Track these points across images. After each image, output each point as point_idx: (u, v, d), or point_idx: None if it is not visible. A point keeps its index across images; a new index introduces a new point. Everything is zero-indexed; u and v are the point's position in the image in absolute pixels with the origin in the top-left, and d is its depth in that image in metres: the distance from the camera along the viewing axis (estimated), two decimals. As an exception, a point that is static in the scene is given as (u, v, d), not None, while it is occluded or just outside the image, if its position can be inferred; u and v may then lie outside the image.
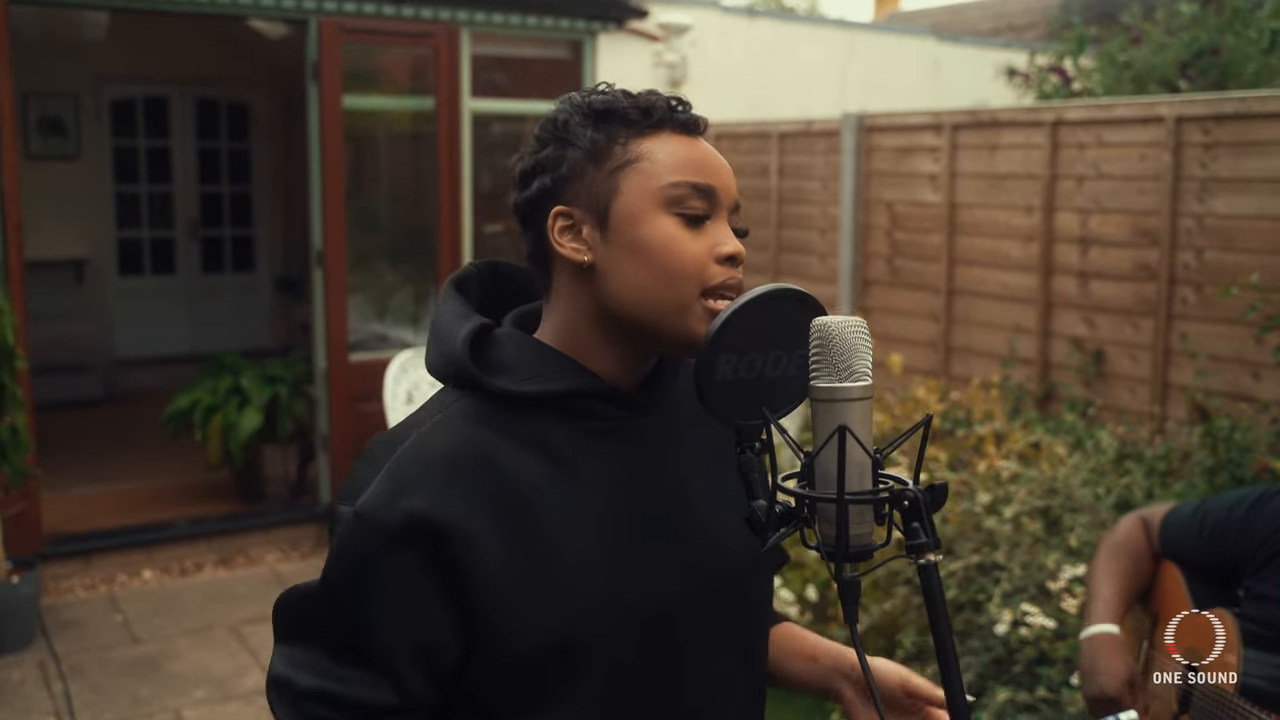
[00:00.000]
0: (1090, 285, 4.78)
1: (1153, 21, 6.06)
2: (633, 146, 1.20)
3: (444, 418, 1.18)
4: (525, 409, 1.18)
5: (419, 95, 6.41)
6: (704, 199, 1.19)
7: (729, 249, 1.19)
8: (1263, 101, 4.21)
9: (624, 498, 1.20)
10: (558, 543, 1.15)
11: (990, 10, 13.52)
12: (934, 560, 1.10)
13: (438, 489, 1.11)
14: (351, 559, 1.12)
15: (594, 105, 1.23)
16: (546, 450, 1.17)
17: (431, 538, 1.10)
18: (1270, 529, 2.06)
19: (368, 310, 6.49)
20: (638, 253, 1.18)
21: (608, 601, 1.16)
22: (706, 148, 1.23)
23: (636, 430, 1.23)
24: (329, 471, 6.04)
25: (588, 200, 1.20)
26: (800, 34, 7.79)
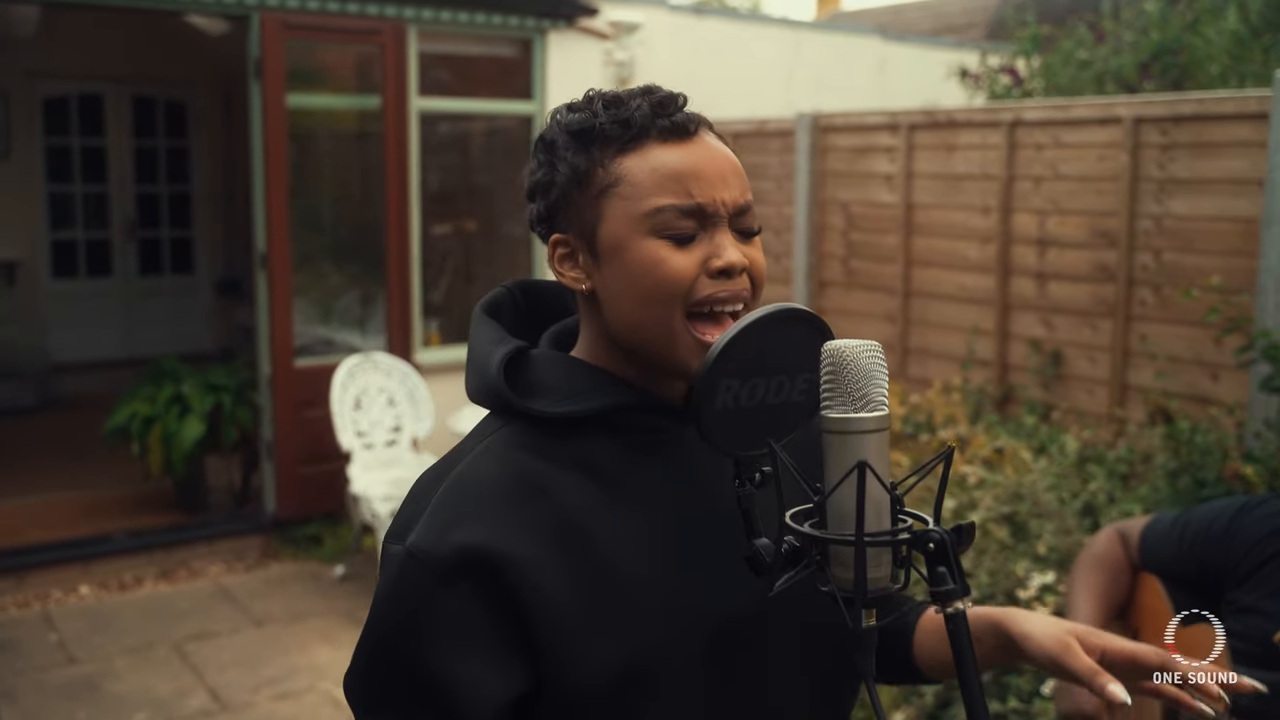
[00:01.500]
0: (1048, 286, 4.76)
1: (1117, 20, 6.06)
2: (613, 167, 1.13)
3: (487, 446, 1.14)
4: (568, 430, 1.14)
5: (365, 93, 6.26)
6: (691, 218, 1.11)
7: (722, 261, 1.11)
8: (1220, 103, 4.21)
9: (676, 511, 1.15)
10: (615, 566, 1.10)
11: (930, 11, 13.62)
12: (963, 609, 1.02)
13: (489, 519, 1.07)
14: (408, 600, 1.07)
15: (573, 127, 1.15)
16: (594, 471, 1.13)
17: (489, 569, 1.05)
18: (1252, 540, 2.03)
19: (313, 314, 6.33)
20: (625, 279, 1.12)
21: (670, 620, 1.11)
22: (700, 152, 1.14)
23: (681, 440, 1.17)
24: (274, 480, 5.88)
25: (578, 227, 1.15)
26: (747, 33, 7.74)
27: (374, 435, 5.65)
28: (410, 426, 5.73)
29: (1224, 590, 2.04)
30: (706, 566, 1.14)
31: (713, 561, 1.14)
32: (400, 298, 6.16)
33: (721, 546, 1.15)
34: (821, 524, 1.04)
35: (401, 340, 6.18)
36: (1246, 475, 3.34)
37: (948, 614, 1.01)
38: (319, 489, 5.87)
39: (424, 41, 6.14)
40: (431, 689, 1.05)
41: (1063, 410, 4.59)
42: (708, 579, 1.13)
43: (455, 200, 6.90)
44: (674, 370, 1.13)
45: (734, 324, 1.05)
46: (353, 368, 5.65)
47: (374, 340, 6.28)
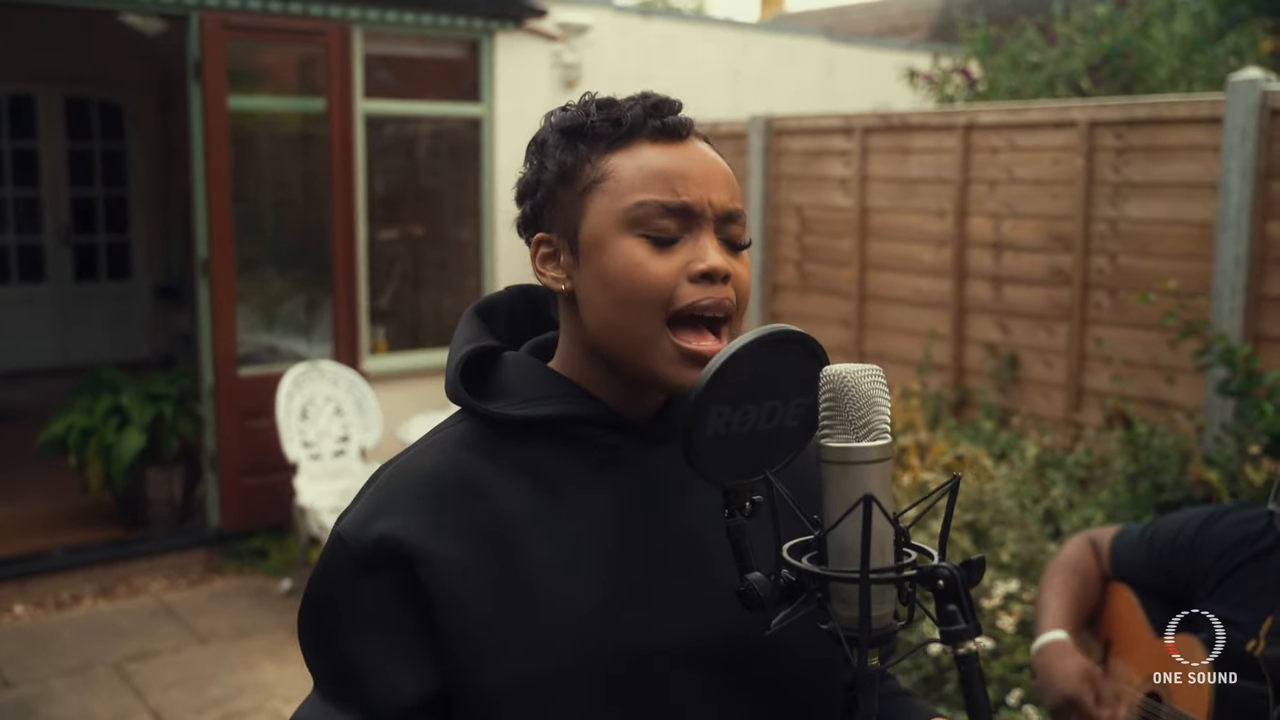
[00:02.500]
0: (1004, 290, 4.75)
1: (1067, 22, 6.09)
2: (600, 164, 1.10)
3: (436, 440, 1.13)
4: (521, 435, 1.11)
5: (309, 95, 6.12)
6: (674, 217, 1.07)
7: (705, 264, 1.06)
8: (1174, 107, 4.22)
9: (619, 533, 1.09)
10: (537, 580, 1.06)
11: (873, 12, 13.72)
12: (975, 649, 0.96)
13: (415, 513, 1.06)
14: (330, 582, 1.09)
15: (562, 123, 1.13)
16: (537, 478, 1.09)
17: (401, 561, 1.04)
18: (1220, 549, 2.04)
19: (257, 321, 6.18)
20: (603, 279, 1.08)
21: (580, 646, 1.05)
22: (690, 155, 1.11)
23: (642, 460, 1.12)
24: (218, 492, 5.73)
25: (561, 225, 1.12)
26: (694, 34, 7.69)
27: (321, 445, 5.52)
28: (358, 436, 5.60)
29: (1195, 599, 2.04)
30: (640, 597, 1.08)
31: (648, 594, 1.08)
32: (347, 304, 6.03)
33: (662, 580, 1.09)
34: (821, 558, 0.99)
35: (348, 348, 6.04)
36: (1210, 480, 3.34)
37: (959, 655, 0.95)
38: (264, 501, 5.72)
39: (369, 43, 6.02)
40: (343, 671, 1.06)
41: (1022, 415, 4.58)
42: (634, 610, 1.07)
43: (402, 204, 6.78)
44: (649, 378, 1.08)
45: (726, 347, 0.98)
46: (298, 376, 5.51)
47: (320, 348, 6.14)
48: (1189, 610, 2.03)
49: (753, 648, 1.12)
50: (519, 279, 5.38)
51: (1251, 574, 1.96)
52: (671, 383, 1.07)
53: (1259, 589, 1.94)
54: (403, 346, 6.54)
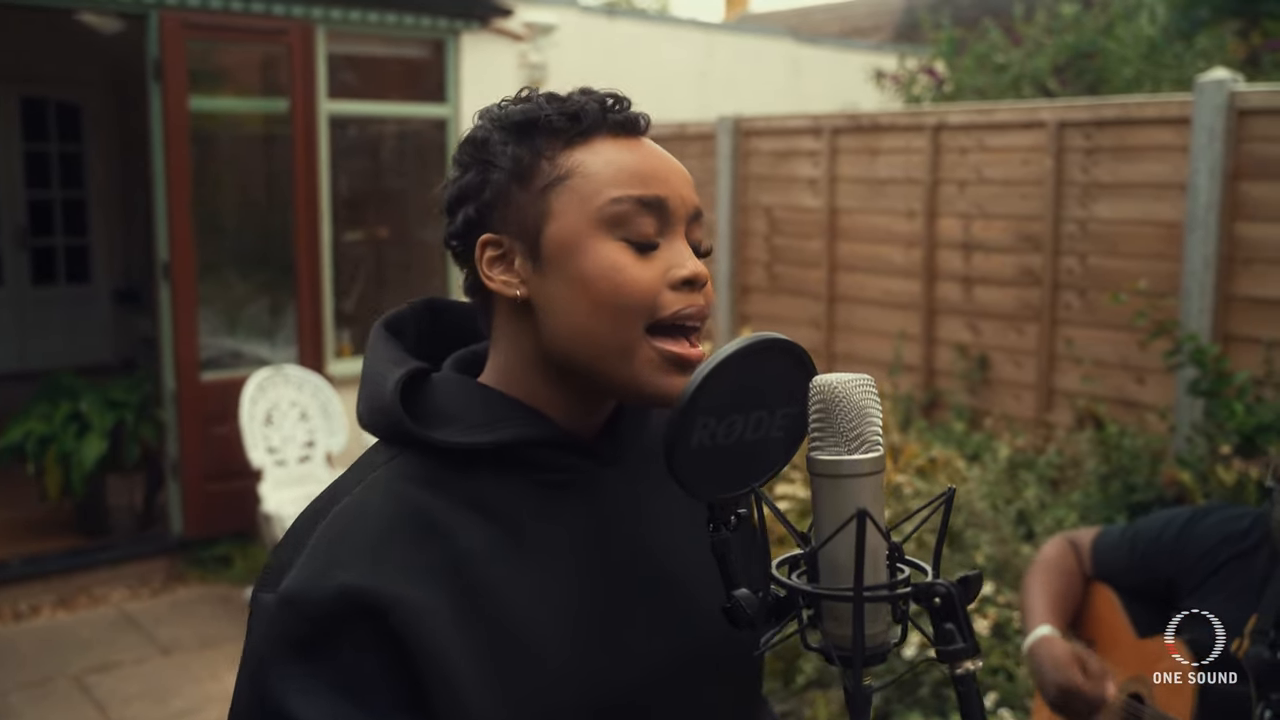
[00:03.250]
0: (974, 291, 4.74)
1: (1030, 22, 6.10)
2: (562, 160, 1.02)
3: (375, 479, 1.00)
4: (468, 464, 1.02)
5: (272, 96, 6.03)
6: (653, 214, 1.01)
7: (686, 271, 1.01)
8: (1142, 107, 4.23)
9: (584, 563, 1.03)
10: (510, 618, 0.98)
11: (837, 13, 13.78)
12: (973, 669, 0.93)
13: (376, 559, 0.94)
14: (283, 655, 0.92)
15: (512, 117, 1.04)
16: (493, 513, 1.00)
17: (374, 614, 0.91)
18: (1203, 548, 2.06)
19: (220, 326, 6.08)
20: (575, 285, 1.01)
21: (566, 684, 0.99)
22: (652, 150, 1.05)
23: (597, 482, 1.06)
24: (180, 499, 5.63)
25: (517, 226, 1.03)
26: (659, 34, 7.66)
27: (286, 451, 5.43)
28: (324, 441, 5.53)
29: (1178, 599, 2.06)
30: (613, 630, 1.03)
31: (620, 625, 1.03)
32: (311, 308, 5.95)
33: (631, 607, 1.05)
34: (812, 575, 0.95)
35: (313, 352, 5.96)
36: (1183, 481, 3.34)
37: (957, 675, 0.92)
38: (228, 508, 5.63)
39: (333, 42, 5.94)
40: None
41: (995, 416, 4.58)
42: (614, 644, 1.02)
43: (367, 206, 6.71)
44: (626, 387, 1.02)
45: (711, 356, 0.94)
46: (262, 381, 5.43)
47: (284, 352, 6.06)
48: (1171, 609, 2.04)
49: (724, 661, 1.10)
50: None
51: (1235, 573, 1.97)
52: (653, 391, 1.01)
53: (1242, 588, 1.95)
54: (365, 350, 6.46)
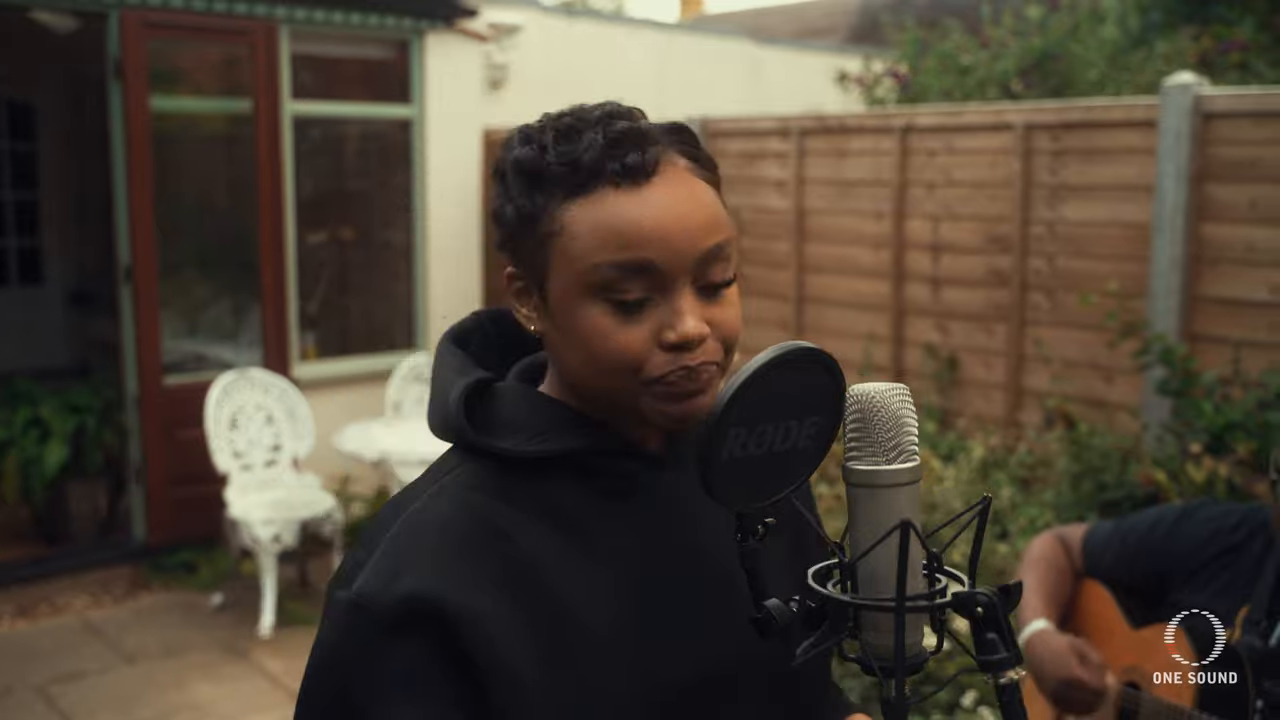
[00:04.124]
0: (943, 291, 4.78)
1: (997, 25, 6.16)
2: (558, 215, 1.00)
3: (443, 486, 1.04)
4: (532, 472, 1.05)
5: (235, 96, 5.96)
6: (638, 278, 0.98)
7: (675, 335, 0.98)
8: (1109, 110, 4.28)
9: (646, 568, 1.05)
10: (579, 625, 1.00)
11: (792, 14, 13.86)
12: (1016, 679, 0.93)
13: (442, 567, 0.98)
14: (352, 653, 0.98)
15: (520, 164, 1.03)
16: (559, 518, 1.04)
17: (438, 621, 0.96)
18: (1195, 542, 2.13)
19: (183, 329, 6.00)
20: (569, 339, 1.03)
21: (632, 687, 1.01)
22: (658, 198, 0.99)
23: (659, 488, 1.08)
24: (144, 505, 5.55)
25: (528, 268, 1.05)
26: (619, 35, 7.66)
27: (252, 455, 5.37)
28: (290, 445, 5.47)
29: (1169, 593, 2.12)
30: (677, 630, 1.05)
31: (684, 625, 1.05)
32: (276, 310, 5.88)
33: (693, 608, 1.06)
34: (851, 585, 0.96)
35: (278, 355, 5.90)
36: (1159, 480, 3.39)
37: (1000, 685, 0.93)
38: (193, 513, 5.56)
39: (296, 42, 5.88)
40: None
41: (966, 417, 4.62)
42: (676, 643, 1.04)
43: (331, 208, 6.64)
44: (638, 420, 1.04)
45: (744, 368, 0.94)
46: (228, 385, 5.36)
47: (248, 355, 5.99)
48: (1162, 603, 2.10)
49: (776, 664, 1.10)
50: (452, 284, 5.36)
51: (1224, 566, 2.03)
52: (661, 420, 1.02)
53: (1231, 581, 2.01)
54: (332, 353, 6.41)
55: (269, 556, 4.99)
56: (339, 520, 5.27)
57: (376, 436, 5.11)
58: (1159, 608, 2.12)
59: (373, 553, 1.00)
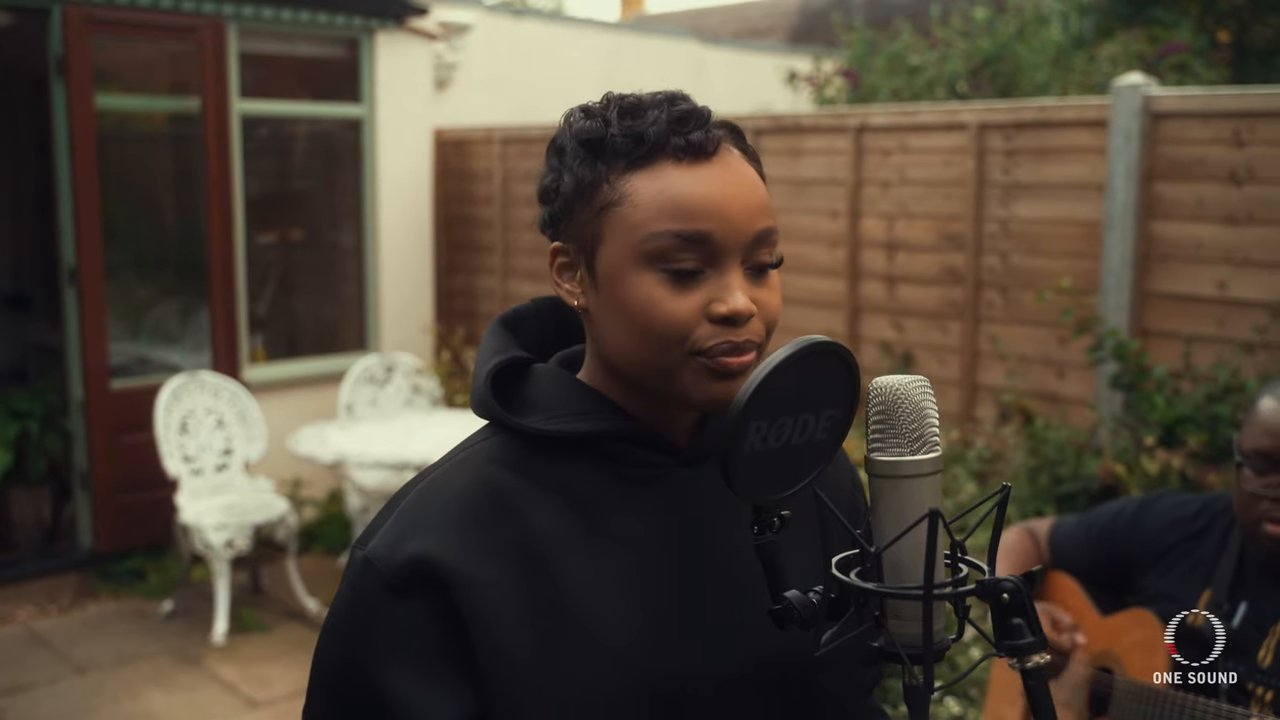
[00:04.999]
0: (898, 289, 4.83)
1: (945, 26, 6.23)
2: (619, 184, 1.02)
3: (466, 456, 1.08)
4: (556, 452, 1.06)
5: (182, 95, 5.86)
6: (694, 249, 1.00)
7: (725, 308, 1.01)
8: (1061, 110, 4.35)
9: (659, 556, 1.06)
10: (576, 601, 1.01)
11: (733, 15, 13.93)
12: (1041, 663, 0.95)
13: (446, 532, 1.01)
14: (361, 608, 1.03)
15: (581, 134, 1.05)
16: (574, 499, 1.05)
17: (437, 584, 0.99)
18: (1155, 532, 2.19)
19: (129, 332, 5.89)
20: (619, 310, 1.03)
21: (625, 672, 1.02)
22: (717, 175, 1.03)
23: (679, 481, 1.08)
24: (90, 512, 5.44)
25: (578, 241, 1.06)
26: (565, 35, 7.65)
27: (203, 460, 5.29)
28: (242, 449, 5.39)
29: (1134, 581, 2.17)
30: (680, 623, 1.05)
31: (689, 619, 1.05)
32: (225, 312, 5.80)
33: (703, 604, 1.06)
34: (876, 575, 0.97)
35: (228, 357, 5.81)
36: (1118, 472, 3.45)
37: (1027, 669, 0.94)
38: (141, 519, 5.46)
39: (245, 40, 5.80)
40: (377, 705, 1.01)
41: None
42: (679, 637, 1.04)
43: (280, 208, 6.56)
44: (676, 400, 1.04)
45: (765, 361, 0.95)
46: (177, 388, 5.27)
47: (197, 358, 5.90)
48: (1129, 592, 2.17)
49: (796, 668, 1.11)
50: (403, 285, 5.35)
51: (1186, 554, 2.09)
52: (701, 400, 1.03)
53: (1194, 567, 2.07)
54: (281, 355, 6.33)
55: (222, 562, 4.92)
56: (293, 524, 5.20)
57: (332, 439, 5.06)
58: (1126, 595, 2.18)
59: (389, 515, 1.05)
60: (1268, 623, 1.93)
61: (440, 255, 6.86)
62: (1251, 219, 3.82)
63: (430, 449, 4.90)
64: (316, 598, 5.21)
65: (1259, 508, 1.91)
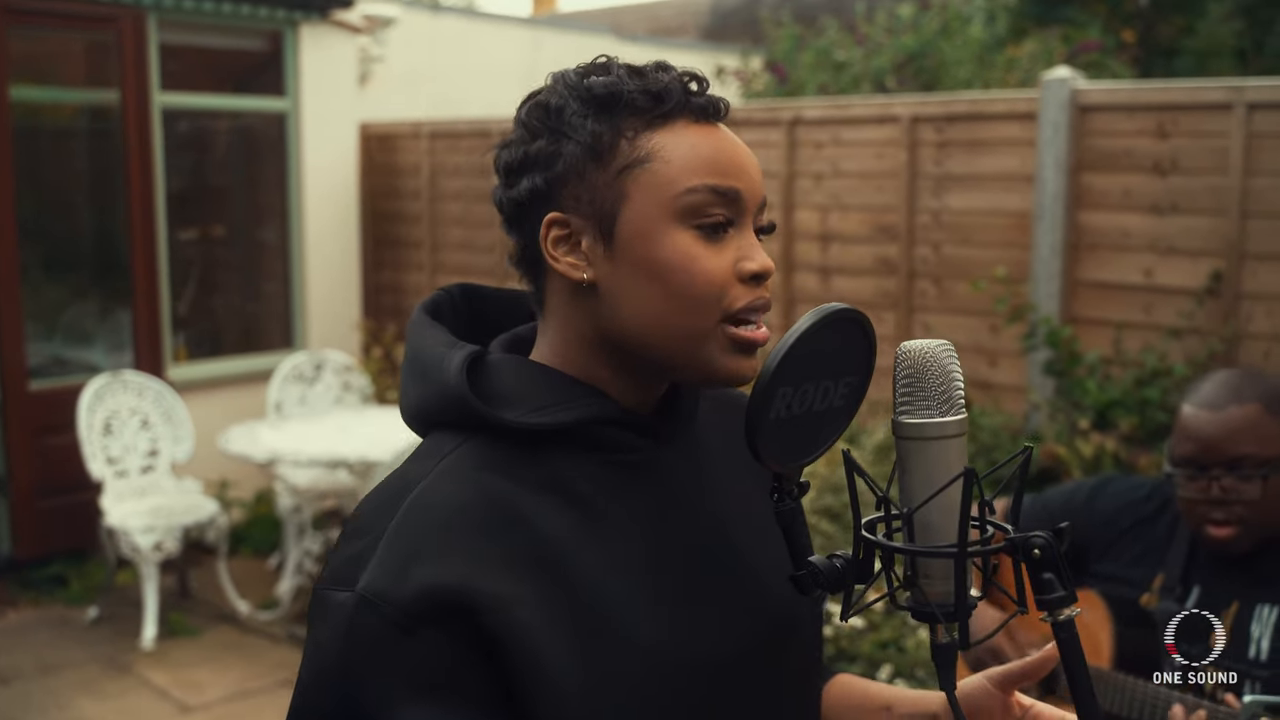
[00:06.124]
0: (832, 280, 4.89)
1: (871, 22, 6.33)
2: (642, 142, 0.99)
3: (446, 467, 0.98)
4: (537, 447, 1.00)
5: (101, 87, 5.70)
6: (727, 205, 1.00)
7: (755, 265, 1.01)
8: (991, 103, 4.45)
9: (656, 541, 1.03)
10: (598, 603, 0.97)
11: (645, 13, 13.99)
12: (1072, 615, 0.97)
13: (457, 552, 0.92)
14: (364, 655, 0.90)
15: (595, 90, 1.00)
16: (569, 494, 1.00)
17: (459, 612, 0.90)
18: (1107, 515, 2.20)
19: (48, 331, 5.71)
20: (649, 273, 0.99)
21: (658, 666, 0.99)
22: (729, 138, 1.03)
23: (660, 462, 1.06)
24: (8, 517, 5.28)
25: (589, 207, 1.00)
26: (484, 30, 7.62)
27: (128, 461, 5.15)
28: (168, 450, 5.26)
29: (1087, 564, 2.18)
30: (691, 604, 1.03)
31: (697, 599, 1.04)
32: (148, 310, 5.65)
33: (705, 583, 1.05)
34: (907, 535, 0.98)
35: (151, 356, 5.67)
36: (1060, 455, 3.54)
37: (1059, 622, 0.96)
38: (63, 524, 5.30)
39: (166, 31, 5.66)
40: None
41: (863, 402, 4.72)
42: (694, 618, 1.03)
43: (203, 204, 6.42)
44: (697, 370, 1.02)
45: (793, 328, 0.95)
46: (100, 389, 5.12)
47: (117, 357, 5.74)
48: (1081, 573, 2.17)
49: (794, 634, 1.12)
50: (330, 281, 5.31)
51: (1137, 537, 2.09)
52: (724, 374, 1.02)
53: (1145, 550, 2.08)
54: (204, 354, 6.20)
55: (150, 565, 4.79)
56: (224, 525, 5.10)
57: (263, 438, 4.96)
58: (1078, 577, 2.22)
59: (373, 544, 0.93)
60: (1220, 607, 1.92)
61: (368, 251, 6.77)
62: (1176, 208, 3.95)
63: (366, 446, 4.84)
64: (248, 600, 5.11)
65: (1197, 511, 1.93)
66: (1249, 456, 1.88)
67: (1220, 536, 1.91)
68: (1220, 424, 1.89)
